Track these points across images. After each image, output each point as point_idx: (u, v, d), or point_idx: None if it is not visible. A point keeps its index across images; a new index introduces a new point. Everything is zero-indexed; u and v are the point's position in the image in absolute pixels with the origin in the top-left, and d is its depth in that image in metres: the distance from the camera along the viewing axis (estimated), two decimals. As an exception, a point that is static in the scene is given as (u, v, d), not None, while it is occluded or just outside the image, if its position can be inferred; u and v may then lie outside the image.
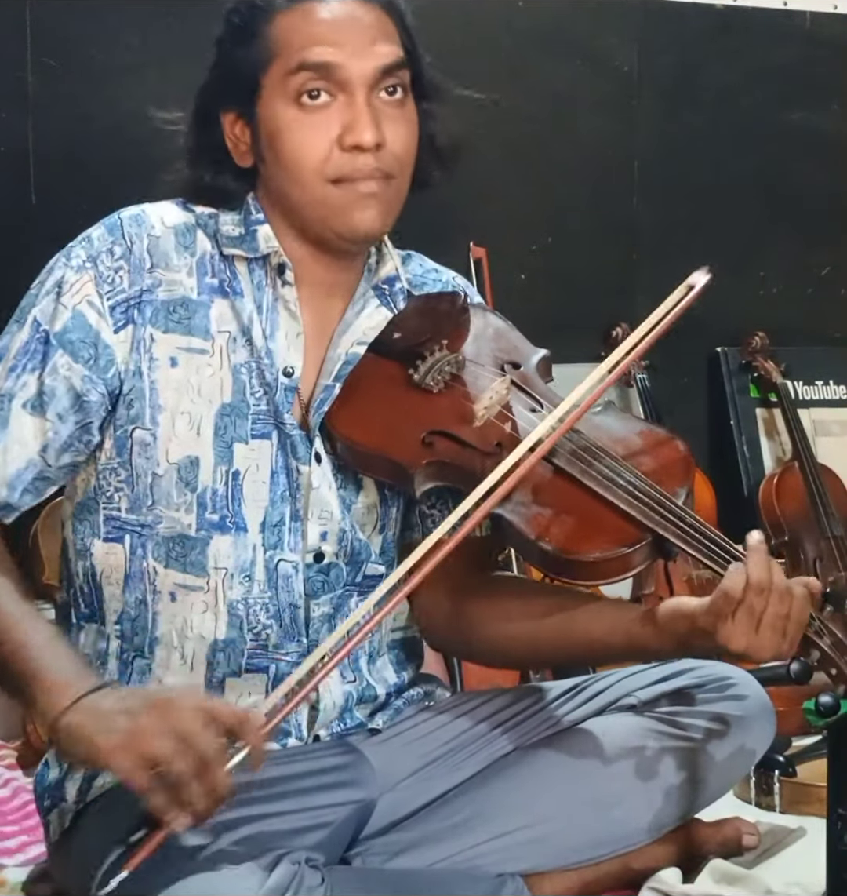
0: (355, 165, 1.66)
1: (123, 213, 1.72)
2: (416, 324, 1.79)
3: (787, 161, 3.61)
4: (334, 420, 1.72)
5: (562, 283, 3.40)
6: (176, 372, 1.68)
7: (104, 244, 1.68)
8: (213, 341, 1.70)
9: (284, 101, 1.67)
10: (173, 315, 1.69)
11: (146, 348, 1.67)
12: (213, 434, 1.68)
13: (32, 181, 2.88)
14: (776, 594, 1.56)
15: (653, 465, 1.70)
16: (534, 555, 1.66)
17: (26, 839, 2.09)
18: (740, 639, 1.56)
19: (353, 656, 1.76)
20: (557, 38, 3.40)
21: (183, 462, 1.67)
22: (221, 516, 1.68)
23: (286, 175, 1.68)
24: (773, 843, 2.03)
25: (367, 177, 1.67)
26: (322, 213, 1.68)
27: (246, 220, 1.73)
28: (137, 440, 1.67)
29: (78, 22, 2.89)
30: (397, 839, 1.72)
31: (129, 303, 1.67)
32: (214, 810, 1.40)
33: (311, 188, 1.67)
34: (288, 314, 1.72)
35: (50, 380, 1.65)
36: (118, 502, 1.69)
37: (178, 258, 1.70)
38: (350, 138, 1.65)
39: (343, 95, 1.66)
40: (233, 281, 1.71)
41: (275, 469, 1.70)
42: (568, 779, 1.77)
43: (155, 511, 1.68)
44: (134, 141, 2.90)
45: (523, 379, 1.78)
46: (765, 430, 3.60)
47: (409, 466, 1.68)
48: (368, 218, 1.69)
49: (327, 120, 1.66)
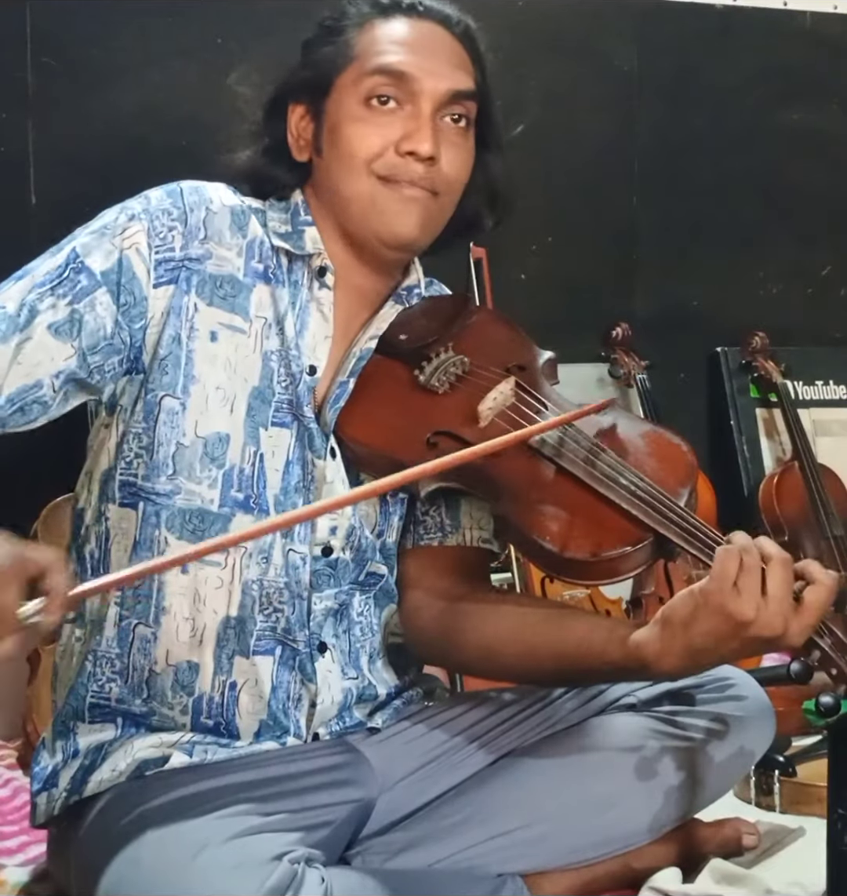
0: (405, 169, 1.71)
1: (183, 182, 1.74)
2: (422, 325, 1.80)
3: (787, 161, 3.61)
4: (340, 420, 1.72)
5: (562, 283, 3.40)
6: (214, 346, 1.69)
7: (162, 203, 1.70)
8: (251, 324, 1.72)
9: (355, 99, 1.72)
10: (219, 290, 1.71)
11: (188, 317, 1.68)
12: (245, 413, 1.70)
13: (32, 181, 2.88)
14: (777, 558, 1.50)
15: (655, 465, 1.70)
16: (536, 554, 1.66)
17: (26, 839, 2.09)
18: (749, 605, 1.48)
19: (353, 654, 1.76)
20: (557, 38, 3.40)
21: (211, 437, 1.68)
22: (246, 496, 1.69)
23: (340, 165, 1.73)
24: (773, 843, 2.03)
25: (413, 182, 1.71)
26: (366, 207, 1.72)
27: (294, 220, 1.77)
28: (165, 407, 1.68)
29: (78, 22, 2.89)
30: (397, 839, 1.72)
31: (177, 263, 1.68)
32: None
33: (359, 180, 1.71)
34: (320, 316, 1.75)
35: (86, 313, 1.63)
36: (136, 468, 1.69)
37: (231, 236, 1.72)
38: (407, 144, 1.70)
39: (410, 107, 1.72)
40: (277, 269, 1.74)
41: (290, 459, 1.72)
42: (568, 778, 1.77)
43: (175, 481, 1.68)
44: (134, 141, 2.91)
45: (528, 381, 1.78)
46: (765, 430, 3.60)
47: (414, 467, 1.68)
48: (408, 223, 1.73)
49: (390, 124, 1.71)
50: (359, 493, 1.63)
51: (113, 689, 1.71)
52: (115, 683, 1.71)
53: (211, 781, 1.64)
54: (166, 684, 1.69)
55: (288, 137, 1.79)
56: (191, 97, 2.86)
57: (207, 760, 1.67)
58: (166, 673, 1.69)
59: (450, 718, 1.83)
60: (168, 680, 1.69)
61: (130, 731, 1.70)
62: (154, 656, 1.70)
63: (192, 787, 1.61)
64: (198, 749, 1.67)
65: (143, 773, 1.65)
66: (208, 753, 1.68)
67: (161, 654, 1.69)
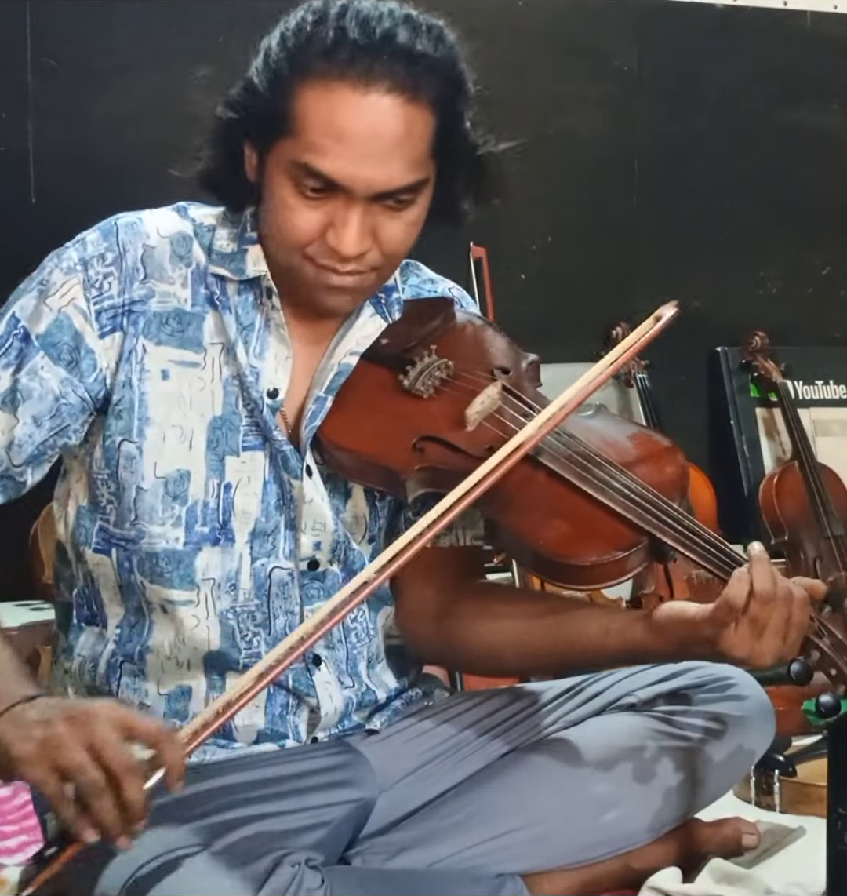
0: (333, 260, 1.62)
1: (120, 219, 1.70)
2: (405, 329, 1.78)
3: (787, 161, 3.61)
4: (324, 428, 1.71)
5: (562, 283, 3.40)
6: (167, 385, 1.67)
7: (97, 249, 1.67)
8: (206, 353, 1.68)
9: (286, 178, 1.61)
10: (166, 327, 1.67)
11: (138, 360, 1.66)
12: (205, 447, 1.67)
13: (32, 181, 2.88)
14: (780, 601, 1.56)
15: (647, 468, 1.69)
16: (530, 559, 1.66)
17: (26, 839, 2.09)
18: (743, 647, 1.56)
19: (350, 661, 1.76)
20: (557, 38, 3.40)
21: (172, 475, 1.66)
22: (211, 528, 1.67)
23: (272, 232, 1.66)
24: (773, 843, 2.03)
25: (342, 274, 1.63)
26: (298, 279, 1.66)
27: (241, 237, 1.71)
28: (124, 453, 1.66)
29: (78, 22, 2.89)
30: (397, 839, 1.72)
31: (118, 310, 1.66)
32: (126, 827, 1.38)
33: (292, 256, 1.64)
34: (277, 337, 1.70)
35: (27, 380, 1.63)
36: (109, 514, 1.68)
37: (172, 269, 1.68)
38: (333, 240, 1.61)
39: (344, 197, 1.59)
40: (221, 296, 1.69)
41: (267, 479, 1.69)
42: (568, 778, 1.77)
43: (138, 526, 1.66)
44: (133, 141, 2.91)
45: (514, 383, 1.76)
46: (765, 430, 3.60)
47: (401, 472, 1.67)
48: (338, 301, 1.68)
49: (321, 209, 1.60)
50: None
51: None
52: None
53: (210, 782, 1.64)
54: (158, 713, 1.68)
55: (244, 153, 1.68)
56: (190, 97, 2.86)
57: (206, 761, 1.67)
58: (158, 702, 1.69)
59: (450, 718, 1.82)
60: (160, 709, 1.69)
61: None
62: (143, 689, 1.69)
63: (191, 787, 1.60)
64: (196, 750, 1.67)
65: (142, 774, 1.65)
66: (207, 754, 1.67)
67: (151, 688, 1.69)
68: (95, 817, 1.37)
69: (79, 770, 1.36)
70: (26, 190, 2.88)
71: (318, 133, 1.57)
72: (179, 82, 2.89)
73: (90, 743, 1.37)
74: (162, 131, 2.83)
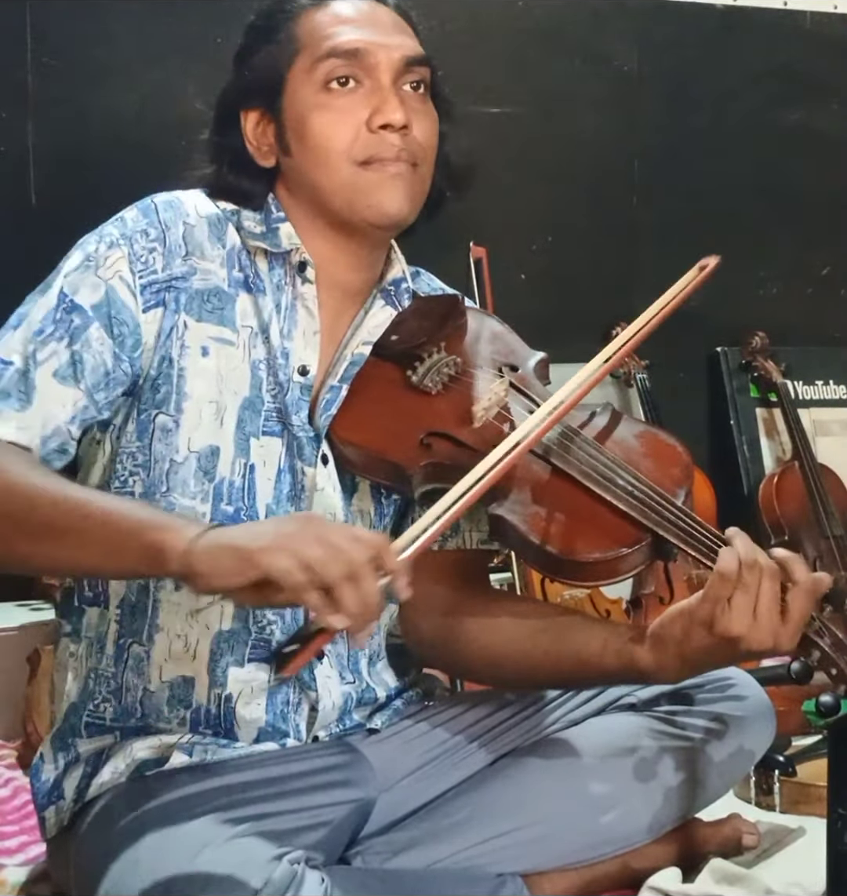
0: (384, 146, 1.68)
1: (157, 197, 1.72)
2: (415, 326, 1.79)
3: (787, 161, 3.61)
4: (333, 423, 1.72)
5: (562, 283, 3.40)
6: (206, 361, 1.68)
7: (138, 225, 1.68)
8: (238, 334, 1.71)
9: (312, 88, 1.69)
10: (207, 304, 1.69)
11: (179, 335, 1.67)
12: (235, 426, 1.69)
13: (32, 181, 2.88)
14: (767, 571, 1.56)
15: (652, 466, 1.70)
16: (533, 556, 1.66)
17: (26, 839, 2.09)
18: (741, 622, 1.55)
19: (352, 658, 1.76)
20: (557, 38, 3.40)
21: (204, 450, 1.67)
22: (236, 508, 1.68)
23: (314, 160, 1.69)
24: (773, 843, 2.03)
25: (395, 158, 1.68)
26: (351, 196, 1.69)
27: (267, 219, 1.74)
28: (159, 425, 1.67)
29: (78, 22, 2.89)
30: (397, 838, 1.72)
31: (162, 285, 1.67)
32: (365, 621, 1.39)
33: (338, 171, 1.69)
34: (306, 312, 1.73)
35: (85, 351, 1.63)
36: (132, 486, 1.68)
37: (211, 248, 1.71)
38: (379, 118, 1.68)
39: (370, 81, 1.69)
40: (256, 277, 1.72)
41: (281, 468, 1.71)
42: (567, 778, 1.77)
43: (168, 498, 1.67)
44: (133, 141, 2.91)
45: (521, 381, 1.78)
46: (765, 430, 3.60)
47: (408, 468, 1.68)
48: (398, 199, 1.70)
49: (355, 104, 1.69)
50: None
51: (108, 709, 1.70)
52: (110, 703, 1.70)
53: (211, 781, 1.63)
54: (162, 701, 1.69)
55: (247, 147, 1.74)
56: (190, 97, 2.86)
57: (207, 760, 1.67)
58: (161, 690, 1.69)
59: (450, 718, 1.83)
60: (163, 697, 1.69)
61: (129, 738, 1.70)
62: (147, 675, 1.69)
63: (192, 787, 1.61)
64: (198, 749, 1.67)
65: (142, 774, 1.65)
66: (208, 753, 1.67)
67: (154, 673, 1.69)
68: (340, 605, 1.37)
69: (322, 562, 1.36)
70: (26, 190, 2.88)
71: (329, 25, 1.70)
72: (179, 82, 2.89)
73: (328, 541, 1.38)
74: (162, 131, 2.83)
